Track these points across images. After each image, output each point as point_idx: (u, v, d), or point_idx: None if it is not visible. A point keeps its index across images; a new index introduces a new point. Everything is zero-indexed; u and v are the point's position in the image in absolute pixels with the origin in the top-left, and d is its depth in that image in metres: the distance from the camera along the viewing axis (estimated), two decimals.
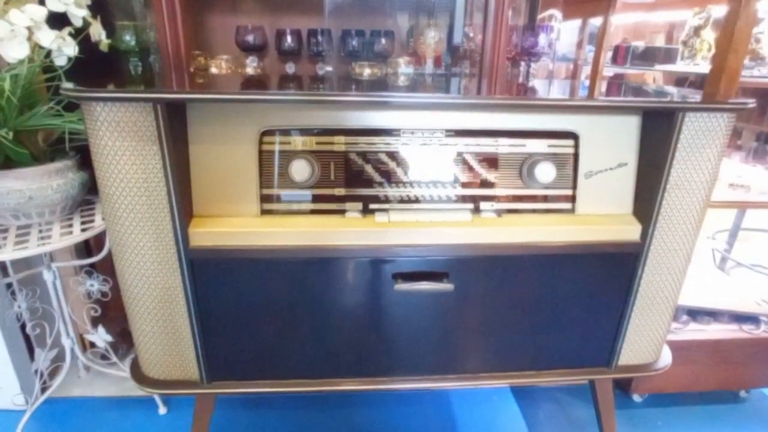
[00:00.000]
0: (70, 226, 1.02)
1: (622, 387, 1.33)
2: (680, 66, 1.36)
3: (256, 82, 1.07)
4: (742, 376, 1.31)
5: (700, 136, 0.79)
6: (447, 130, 0.82)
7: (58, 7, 1.00)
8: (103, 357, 1.30)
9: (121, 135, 0.71)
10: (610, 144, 0.85)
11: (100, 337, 1.17)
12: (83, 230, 1.00)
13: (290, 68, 1.49)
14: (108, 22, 1.16)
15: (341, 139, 0.81)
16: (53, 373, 1.23)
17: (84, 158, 1.04)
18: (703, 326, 1.27)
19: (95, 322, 1.19)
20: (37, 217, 1.01)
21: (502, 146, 0.84)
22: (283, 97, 0.71)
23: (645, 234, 0.85)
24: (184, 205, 0.77)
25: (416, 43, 1.40)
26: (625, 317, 0.93)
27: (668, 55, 1.48)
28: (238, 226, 0.80)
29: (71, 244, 0.99)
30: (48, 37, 0.96)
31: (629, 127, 0.84)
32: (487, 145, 0.84)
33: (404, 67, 1.32)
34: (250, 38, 1.42)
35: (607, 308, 0.92)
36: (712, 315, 1.28)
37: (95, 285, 1.13)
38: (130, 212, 0.76)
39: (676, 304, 0.95)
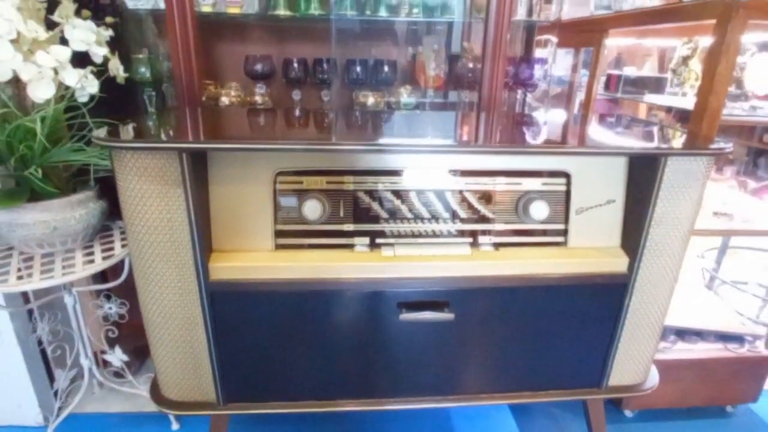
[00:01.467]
0: (91, 254, 1.08)
1: (615, 403, 1.39)
2: (667, 97, 1.43)
3: (269, 117, 1.13)
4: (728, 393, 1.37)
5: (682, 177, 0.86)
6: (448, 171, 0.89)
7: (81, 47, 1.06)
8: (117, 374, 1.35)
9: (148, 179, 0.77)
10: (600, 182, 0.91)
11: (117, 357, 1.22)
12: (104, 258, 1.06)
13: (296, 95, 1.56)
14: (124, 55, 1.22)
15: (350, 179, 0.88)
16: (70, 391, 1.28)
17: (102, 187, 1.10)
18: (690, 345, 1.33)
19: (111, 342, 1.25)
20: (60, 246, 1.07)
21: (500, 184, 0.91)
22: (296, 146, 0.77)
23: (632, 266, 0.92)
24: (204, 242, 0.83)
25: (417, 72, 1.46)
26: (614, 342, 0.99)
27: (658, 84, 1.55)
28: (254, 260, 0.86)
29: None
30: (73, 77, 1.02)
31: (617, 168, 0.91)
32: (486, 183, 0.90)
33: (406, 97, 1.39)
34: (258, 67, 1.48)
35: (598, 334, 0.98)
36: (699, 335, 1.35)
37: (113, 308, 1.19)
38: (155, 248, 0.82)
39: (661, 328, 1.02)
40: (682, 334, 1.35)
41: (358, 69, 1.51)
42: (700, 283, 1.76)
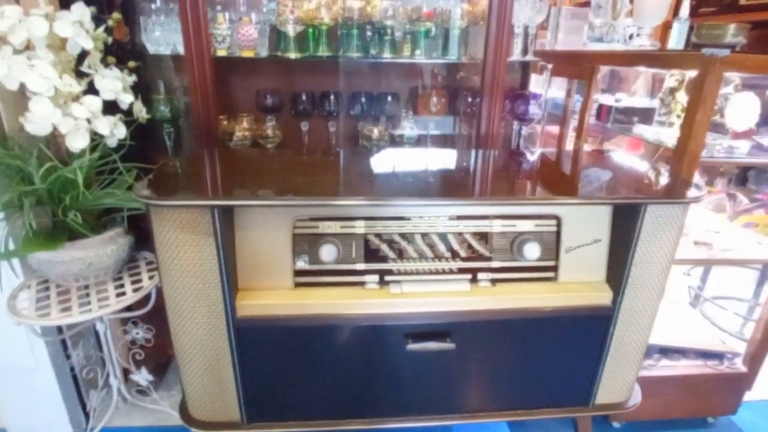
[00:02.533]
0: (122, 285, 1.18)
1: (603, 415, 1.49)
2: (655, 128, 1.52)
3: (284, 163, 1.22)
4: (709, 406, 1.48)
5: (661, 221, 0.96)
6: (450, 216, 0.98)
7: (110, 96, 1.15)
8: (139, 391, 1.45)
9: (183, 230, 0.87)
10: (587, 224, 1.01)
11: (144, 377, 1.32)
12: (135, 290, 1.16)
13: (305, 126, 1.65)
14: (144, 95, 1.31)
15: (361, 223, 0.97)
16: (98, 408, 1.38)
17: (129, 223, 1.19)
18: (673, 362, 1.43)
19: (137, 363, 1.34)
20: (93, 278, 1.16)
21: (496, 227, 1.00)
22: (311, 203, 0.87)
23: (615, 300, 1.02)
24: (231, 282, 0.92)
25: (420, 107, 1.56)
26: (599, 366, 1.09)
27: (646, 114, 1.64)
28: (275, 298, 0.95)
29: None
30: (105, 126, 1.11)
31: (603, 211, 1.01)
32: (484, 226, 1.00)
33: (409, 131, 1.48)
34: (269, 101, 1.58)
35: (585, 359, 1.08)
36: (682, 352, 1.45)
37: (140, 333, 1.29)
38: (187, 289, 0.91)
39: (643, 353, 1.12)
40: (666, 352, 1.45)
41: (363, 101, 1.61)
42: (685, 299, 1.86)
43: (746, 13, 2.91)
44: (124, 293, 1.15)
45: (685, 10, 1.52)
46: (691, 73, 1.32)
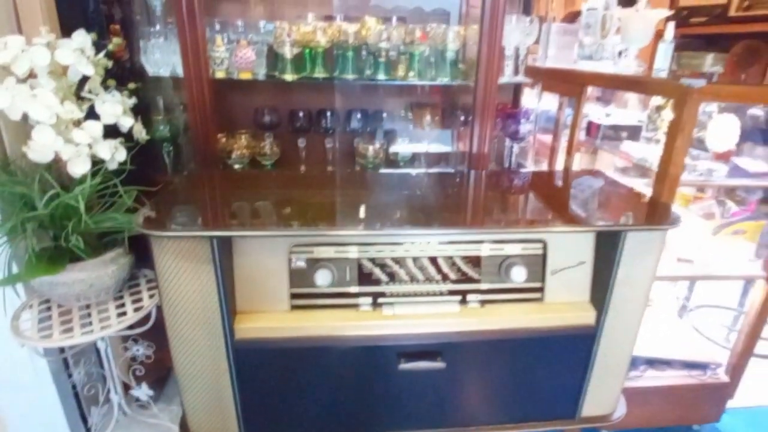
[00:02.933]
0: (123, 305, 1.21)
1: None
2: (642, 146, 1.57)
3: (281, 188, 1.26)
4: (694, 414, 1.53)
5: (640, 246, 1.00)
6: (440, 241, 1.02)
7: (111, 120, 1.18)
8: (140, 405, 1.48)
9: (183, 258, 0.90)
10: (572, 247, 1.05)
11: (144, 392, 1.35)
12: (135, 310, 1.19)
13: (302, 143, 1.69)
14: (144, 114, 1.34)
15: (354, 248, 1.01)
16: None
17: (128, 240, 1.22)
18: (659, 373, 1.48)
19: (138, 379, 1.38)
20: (94, 298, 1.20)
21: (485, 250, 1.04)
22: (307, 233, 0.91)
23: (599, 319, 1.06)
24: (230, 306, 0.96)
25: (413, 125, 1.60)
26: (585, 381, 1.13)
27: (634, 131, 1.69)
28: (273, 321, 0.99)
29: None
30: (106, 151, 1.14)
31: (587, 236, 1.05)
32: (473, 249, 1.04)
33: (403, 150, 1.52)
34: (266, 119, 1.61)
35: (571, 375, 1.13)
36: (667, 363, 1.50)
37: (141, 350, 1.32)
38: (187, 314, 0.95)
39: (627, 368, 1.16)
40: (653, 362, 1.50)
41: (359, 118, 1.65)
42: (673, 309, 1.92)
43: (735, 24, 2.98)
44: (125, 313, 1.18)
45: (669, 33, 1.57)
46: None
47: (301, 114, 1.64)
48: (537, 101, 2.02)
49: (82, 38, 1.15)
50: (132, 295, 1.26)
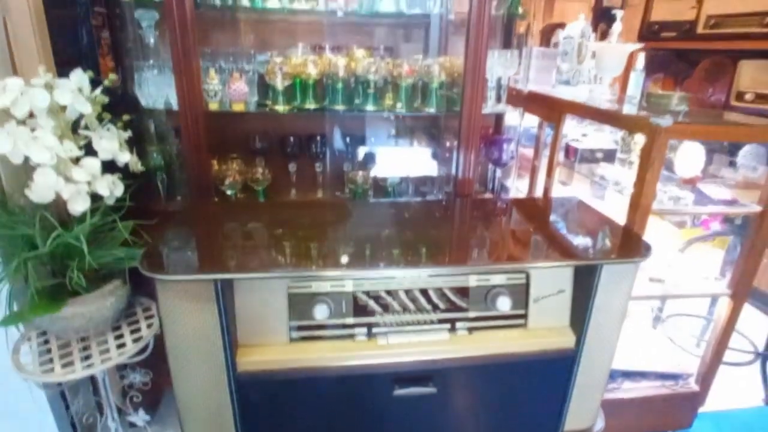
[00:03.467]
0: (121, 336, 1.23)
1: None
2: (616, 169, 1.66)
3: (276, 225, 1.31)
4: (667, 421, 1.63)
5: (615, 276, 1.08)
6: (430, 274, 1.09)
7: (108, 156, 1.21)
8: (131, 425, 1.50)
9: (187, 299, 0.94)
10: (552, 277, 1.13)
11: (141, 418, 1.38)
12: (134, 340, 1.22)
13: (292, 167, 1.73)
14: (139, 144, 1.37)
15: (350, 283, 1.06)
16: None
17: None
18: (635, 384, 1.58)
19: (135, 405, 1.40)
20: (93, 330, 1.22)
21: (472, 281, 1.11)
22: (304, 273, 0.97)
23: (578, 342, 1.14)
24: (232, 340, 1.00)
25: (402, 152, 1.66)
26: (566, 399, 1.21)
27: (609, 154, 1.79)
28: (273, 354, 1.04)
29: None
30: (104, 187, 1.17)
31: (566, 267, 1.13)
32: (461, 281, 1.11)
33: (392, 178, 1.58)
34: (258, 145, 1.66)
35: (554, 394, 1.20)
36: (643, 375, 1.60)
37: (137, 377, 1.35)
38: (191, 349, 0.99)
39: (604, 385, 1.25)
40: (629, 375, 1.60)
41: (348, 144, 1.70)
42: (648, 319, 2.02)
43: (702, 41, 3.13)
44: (124, 344, 1.21)
45: (640, 63, 1.67)
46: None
47: (291, 140, 1.69)
48: (520, 120, 2.10)
49: (80, 77, 1.17)
50: (130, 324, 1.29)
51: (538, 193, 1.94)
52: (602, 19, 3.87)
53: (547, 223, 1.32)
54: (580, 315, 1.13)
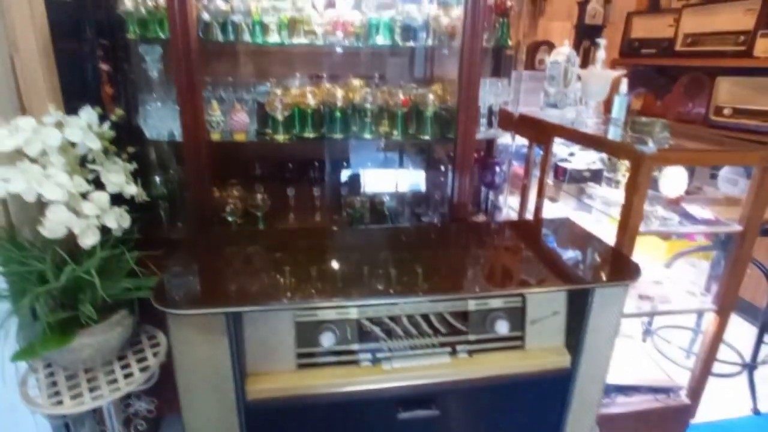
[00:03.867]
0: (128, 365, 1.25)
1: None
2: (603, 190, 1.73)
3: (278, 254, 1.34)
4: None
5: (608, 298, 1.14)
6: (431, 300, 1.13)
7: (116, 189, 1.24)
8: None
9: (198, 331, 0.97)
10: (548, 300, 1.18)
11: None
12: (141, 369, 1.24)
13: (291, 192, 1.78)
14: (143, 174, 1.40)
15: (354, 310, 1.10)
16: None
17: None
18: (628, 399, 1.63)
19: None
20: (100, 361, 1.24)
21: (471, 305, 1.16)
22: (311, 305, 1.01)
23: (574, 362, 1.19)
24: (242, 369, 1.03)
25: (398, 176, 1.71)
26: (563, 417, 1.26)
27: (596, 174, 1.86)
28: (281, 381, 1.07)
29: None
30: (112, 220, 1.20)
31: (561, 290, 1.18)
32: (461, 306, 1.15)
33: (388, 201, 1.63)
34: (257, 172, 1.70)
35: (551, 412, 1.25)
36: (636, 389, 1.65)
37: (143, 405, 1.36)
38: (201, 380, 1.02)
39: (599, 401, 1.29)
40: (622, 389, 1.65)
41: (345, 168, 1.75)
42: (638, 331, 2.09)
43: (681, 58, 3.25)
44: (131, 374, 1.23)
45: (624, 87, 1.75)
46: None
47: (290, 165, 1.73)
48: (512, 141, 2.18)
49: (89, 114, 1.21)
50: (135, 353, 1.31)
51: (529, 210, 2.01)
52: (585, 37, 4.01)
53: (541, 245, 1.38)
54: (574, 335, 1.18)
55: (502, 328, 1.14)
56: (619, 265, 1.23)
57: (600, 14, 3.92)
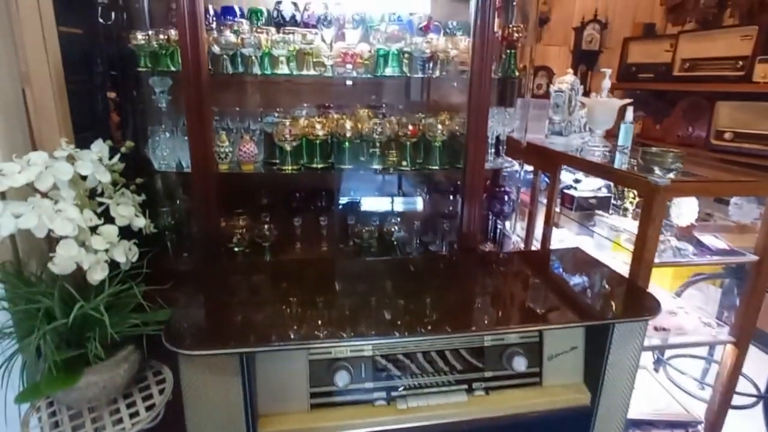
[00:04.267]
0: (134, 403, 1.21)
1: None
2: (610, 218, 1.72)
3: (290, 294, 1.32)
4: None
5: (627, 333, 1.12)
6: (446, 336, 1.11)
7: (125, 222, 1.23)
8: None
9: (211, 372, 0.95)
10: (565, 334, 1.16)
11: None
12: (147, 408, 1.20)
13: (297, 221, 1.76)
14: (150, 204, 1.38)
15: (369, 347, 1.08)
16: None
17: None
18: None
19: None
20: (105, 399, 1.20)
21: (487, 341, 1.13)
22: (324, 344, 0.99)
23: (593, 399, 1.16)
24: (254, 412, 1.00)
25: (406, 205, 1.71)
26: None
27: (604, 202, 1.86)
28: (295, 423, 1.03)
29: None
30: (121, 254, 1.18)
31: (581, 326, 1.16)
32: (477, 341, 1.13)
33: (396, 232, 1.62)
34: (264, 201, 1.69)
35: None
36: (652, 424, 1.60)
37: None
38: (212, 422, 0.99)
39: None
40: (638, 424, 1.60)
41: (353, 197, 1.74)
42: (649, 361, 2.05)
43: (679, 82, 3.30)
44: (137, 413, 1.19)
45: (629, 115, 1.76)
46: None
47: (297, 195, 1.72)
48: (520, 169, 2.18)
49: (100, 147, 1.21)
50: (141, 390, 1.27)
51: (536, 237, 1.99)
52: (581, 62, 4.08)
53: (555, 277, 1.36)
54: (593, 371, 1.15)
55: (520, 364, 1.12)
56: (638, 299, 1.21)
57: (597, 40, 3.99)
